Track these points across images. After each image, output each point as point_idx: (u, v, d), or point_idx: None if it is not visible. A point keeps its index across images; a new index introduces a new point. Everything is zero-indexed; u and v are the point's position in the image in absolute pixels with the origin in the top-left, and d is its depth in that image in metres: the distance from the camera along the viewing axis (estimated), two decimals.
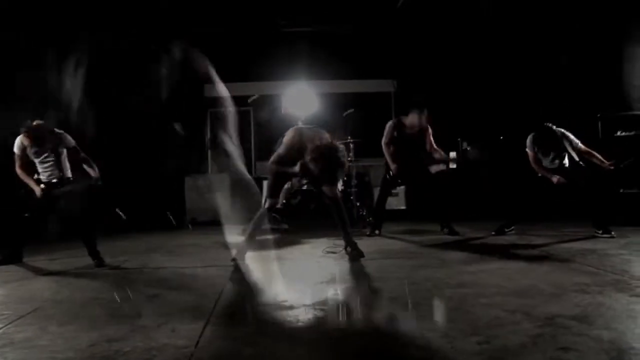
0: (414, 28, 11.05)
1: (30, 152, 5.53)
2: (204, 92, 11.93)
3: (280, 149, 5.29)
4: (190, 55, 8.69)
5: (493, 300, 3.37)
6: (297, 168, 5.18)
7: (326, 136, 5.15)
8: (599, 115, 8.58)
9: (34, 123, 5.47)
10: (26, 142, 5.49)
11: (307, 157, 4.91)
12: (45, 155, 5.56)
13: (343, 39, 11.37)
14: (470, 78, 10.68)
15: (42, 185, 5.51)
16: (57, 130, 5.65)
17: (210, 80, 8.06)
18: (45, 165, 5.57)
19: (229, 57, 10.95)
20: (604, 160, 6.56)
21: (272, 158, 5.41)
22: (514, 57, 10.34)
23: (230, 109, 7.28)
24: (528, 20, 10.05)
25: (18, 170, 5.57)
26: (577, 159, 6.74)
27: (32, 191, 5.53)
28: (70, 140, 5.69)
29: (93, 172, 5.64)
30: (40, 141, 5.48)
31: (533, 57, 10.27)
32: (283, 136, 5.44)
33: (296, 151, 5.13)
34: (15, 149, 5.56)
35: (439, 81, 10.86)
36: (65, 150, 5.68)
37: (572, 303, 3.21)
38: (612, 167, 6.56)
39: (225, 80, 8.97)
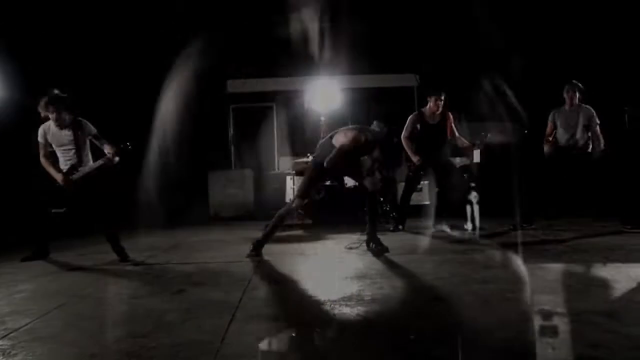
0: (436, 22, 10.97)
1: (51, 138, 5.59)
2: (227, 88, 11.98)
3: (338, 151, 5.13)
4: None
5: (519, 296, 3.33)
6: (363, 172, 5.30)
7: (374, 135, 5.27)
8: (625, 108, 8.47)
9: (54, 92, 5.50)
10: (46, 128, 5.59)
11: (369, 163, 5.23)
12: (66, 144, 5.60)
13: (365, 34, 11.33)
14: (493, 72, 10.55)
15: (62, 175, 5.53)
16: (78, 118, 5.68)
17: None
18: (66, 154, 5.62)
19: (252, 54, 10.99)
20: (602, 145, 6.56)
21: (329, 160, 5.16)
22: (540, 48, 10.21)
23: None
24: (554, 12, 9.92)
25: (42, 160, 5.62)
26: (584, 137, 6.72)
27: (54, 181, 5.56)
28: (92, 127, 5.70)
29: (110, 148, 5.61)
30: (60, 115, 5.50)
31: (559, 49, 10.14)
32: (324, 135, 5.49)
33: (350, 154, 5.16)
34: (39, 138, 5.62)
35: (462, 74, 10.75)
36: (88, 141, 5.71)
37: (601, 299, 3.16)
38: (606, 151, 6.55)
39: (248, 76, 9.01)
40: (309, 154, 8.84)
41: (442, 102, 7.20)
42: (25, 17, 8.66)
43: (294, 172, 9.47)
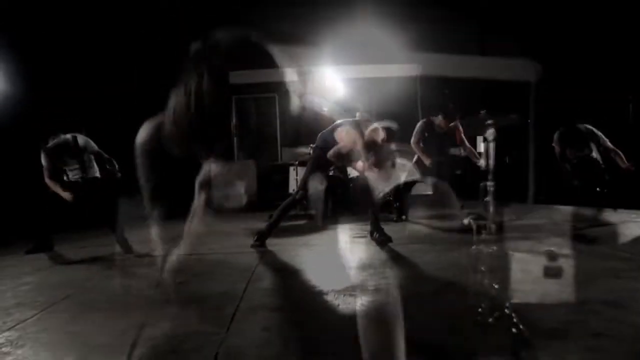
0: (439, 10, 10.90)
1: (56, 160, 5.73)
2: (229, 79, 11.94)
3: (342, 148, 5.26)
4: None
5: (522, 286, 3.33)
6: (359, 166, 5.40)
7: (380, 131, 5.31)
8: (630, 97, 8.42)
9: (50, 143, 5.69)
10: (50, 151, 5.73)
11: (372, 157, 5.32)
12: (71, 162, 5.73)
13: (367, 23, 11.27)
14: (497, 62, 10.49)
15: (69, 193, 5.64)
16: (79, 137, 5.79)
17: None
18: (72, 170, 5.76)
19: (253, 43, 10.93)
20: (625, 161, 6.53)
21: (333, 153, 5.34)
22: (544, 37, 10.13)
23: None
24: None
25: (47, 181, 5.71)
26: (597, 156, 6.76)
27: (59, 197, 5.68)
28: (93, 145, 5.90)
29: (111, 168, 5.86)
30: (61, 158, 5.74)
31: (562, 39, 10.06)
32: (328, 126, 5.52)
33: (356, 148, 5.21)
34: (43, 162, 5.69)
35: (463, 64, 10.68)
36: (92, 156, 5.84)
37: (605, 288, 3.15)
38: (631, 169, 6.51)
39: (250, 67, 8.94)
40: (310, 145, 8.84)
41: (455, 123, 7.21)
42: (28, 12, 8.63)
43: (297, 163, 9.46)
